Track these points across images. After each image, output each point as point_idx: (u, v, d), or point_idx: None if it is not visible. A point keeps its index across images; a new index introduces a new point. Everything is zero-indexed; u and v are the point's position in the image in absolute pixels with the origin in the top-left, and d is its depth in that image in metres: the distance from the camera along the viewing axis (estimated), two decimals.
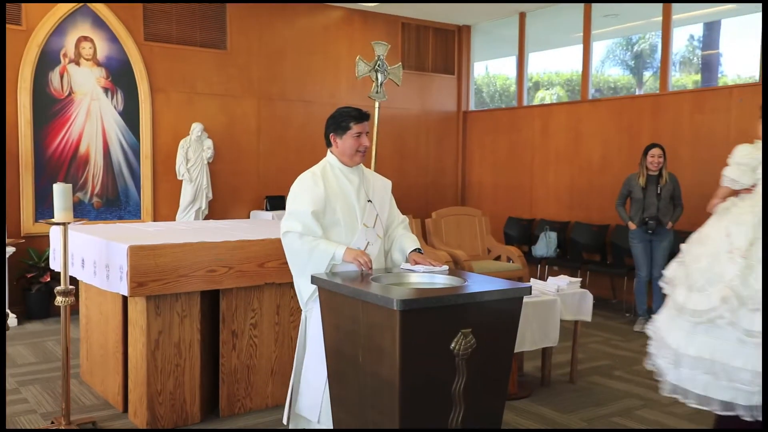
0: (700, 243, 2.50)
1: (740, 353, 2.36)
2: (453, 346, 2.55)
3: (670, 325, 2.51)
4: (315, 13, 8.15)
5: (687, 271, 2.47)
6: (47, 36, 6.49)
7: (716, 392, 2.41)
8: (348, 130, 3.08)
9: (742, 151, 2.50)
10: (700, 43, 7.65)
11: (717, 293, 2.37)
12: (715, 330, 2.40)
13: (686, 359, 2.44)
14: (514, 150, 8.57)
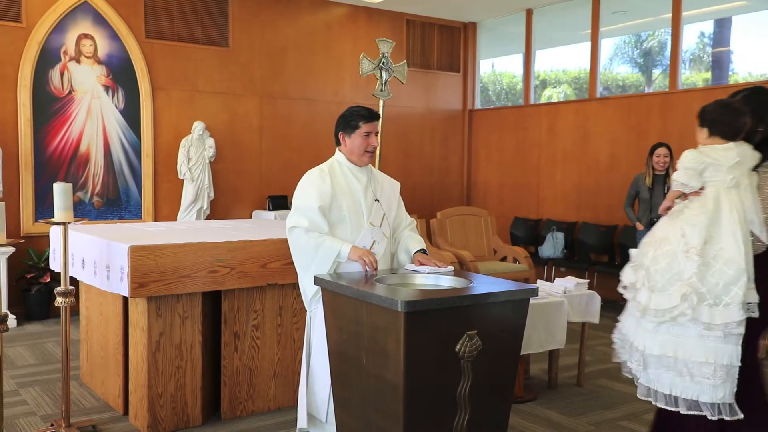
0: (655, 245, 2.64)
1: (701, 347, 2.52)
2: (458, 349, 2.53)
3: (635, 329, 2.64)
4: (318, 10, 8.09)
5: (647, 273, 2.61)
6: (47, 33, 6.45)
7: (682, 391, 2.54)
8: (357, 129, 3.07)
9: (689, 157, 2.68)
10: (710, 40, 7.56)
11: (677, 291, 2.53)
12: (677, 328, 2.54)
13: (652, 359, 2.58)
14: (521, 149, 8.49)
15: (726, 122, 2.71)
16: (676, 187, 2.69)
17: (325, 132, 8.24)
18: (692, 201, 2.67)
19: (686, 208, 2.67)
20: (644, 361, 2.61)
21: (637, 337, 2.64)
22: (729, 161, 2.65)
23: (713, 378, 2.50)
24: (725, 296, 2.52)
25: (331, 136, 8.96)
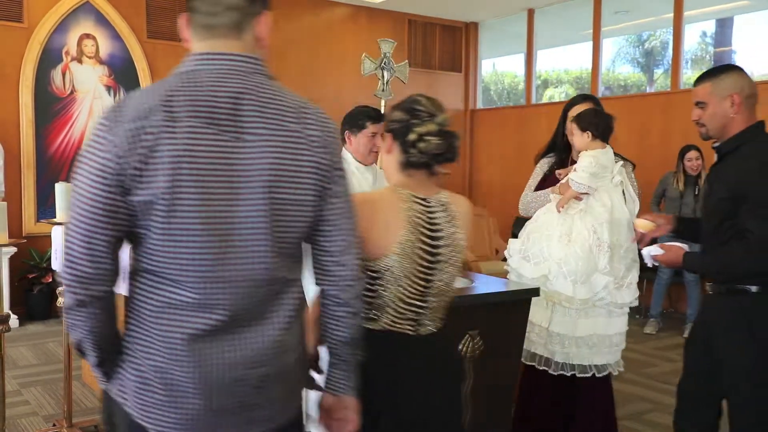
0: (563, 242, 2.92)
1: (610, 323, 2.95)
2: (460, 348, 2.52)
3: (560, 318, 2.92)
4: (320, 10, 8.09)
5: (566, 267, 2.88)
6: (49, 33, 6.45)
7: (596, 359, 2.94)
8: (363, 129, 3.07)
9: (590, 161, 2.93)
10: (712, 40, 7.55)
11: (597, 281, 2.88)
12: (593, 310, 2.91)
13: (573, 340, 2.92)
14: (523, 149, 8.48)
15: (604, 126, 2.98)
16: (581, 189, 2.94)
17: None
18: (589, 200, 2.96)
19: (588, 205, 2.96)
20: (566, 342, 2.93)
21: (560, 325, 2.92)
22: (612, 163, 2.98)
23: (619, 344, 3.01)
24: (626, 279, 2.95)
25: None
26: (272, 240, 1.38)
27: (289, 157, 1.39)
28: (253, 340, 1.40)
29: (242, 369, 1.39)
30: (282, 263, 1.42)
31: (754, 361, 2.34)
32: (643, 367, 4.94)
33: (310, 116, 1.44)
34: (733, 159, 2.40)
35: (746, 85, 2.41)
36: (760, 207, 2.28)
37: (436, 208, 1.89)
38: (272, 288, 1.41)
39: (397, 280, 1.81)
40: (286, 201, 1.39)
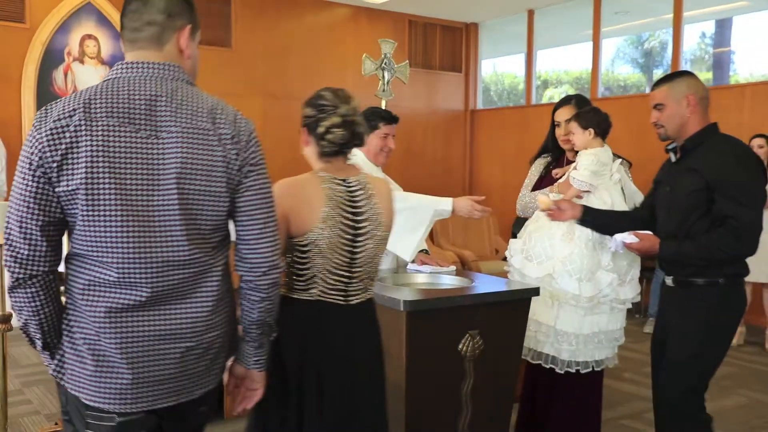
0: (566, 241, 2.94)
1: (613, 319, 2.98)
2: (460, 348, 2.53)
3: (567, 317, 2.94)
4: (321, 10, 8.11)
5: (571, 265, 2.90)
6: (51, 34, 6.47)
7: (599, 353, 2.99)
8: (376, 129, 3.10)
9: (590, 159, 2.96)
10: (711, 41, 7.56)
11: (602, 278, 2.90)
12: (598, 307, 2.94)
13: (581, 338, 2.94)
14: (523, 149, 8.49)
15: (605, 124, 3.03)
16: (583, 187, 2.96)
17: None
18: (589, 198, 2.99)
19: (588, 203, 2.97)
20: (574, 341, 2.95)
21: (568, 323, 2.94)
22: (611, 160, 3.03)
23: (619, 339, 3.06)
24: (628, 275, 2.98)
25: None
26: (186, 227, 1.55)
27: (199, 152, 1.55)
28: (175, 316, 1.57)
29: (165, 342, 1.56)
30: (197, 248, 1.58)
31: (700, 351, 2.51)
32: (643, 366, 4.95)
33: (223, 116, 1.60)
34: (700, 153, 2.54)
35: (699, 88, 2.61)
36: (741, 195, 2.41)
37: (356, 187, 2.08)
38: (191, 270, 1.57)
39: (323, 252, 1.98)
40: (197, 192, 1.55)
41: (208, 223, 1.59)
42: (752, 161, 2.49)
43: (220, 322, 1.64)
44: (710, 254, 2.47)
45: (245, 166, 1.60)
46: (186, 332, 1.58)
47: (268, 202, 1.64)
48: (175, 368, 1.58)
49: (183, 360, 1.59)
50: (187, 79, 1.64)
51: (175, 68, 1.62)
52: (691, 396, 2.59)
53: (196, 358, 1.61)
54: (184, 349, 1.58)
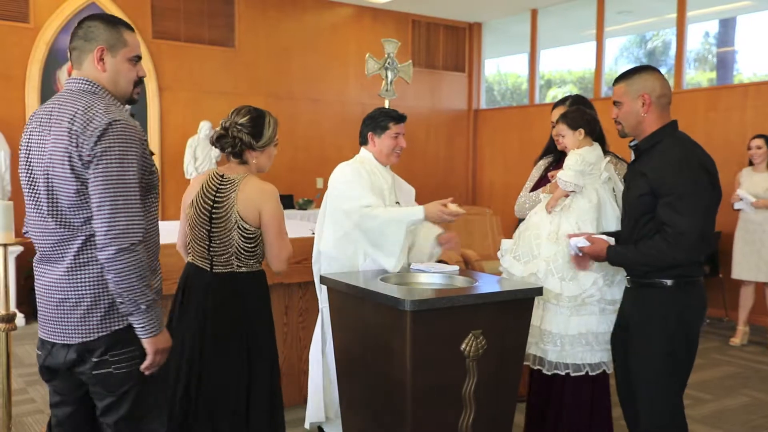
0: (552, 240, 2.94)
1: (603, 320, 2.92)
2: (463, 348, 2.52)
3: (552, 317, 2.94)
4: (324, 10, 8.11)
5: (554, 265, 2.90)
6: (55, 34, 6.49)
7: (590, 357, 2.94)
8: (387, 129, 3.11)
9: (576, 159, 2.96)
10: (715, 40, 7.55)
11: (586, 278, 2.87)
12: (584, 308, 2.91)
13: (567, 338, 2.92)
14: (526, 149, 8.49)
15: (593, 123, 3.04)
16: (567, 188, 2.96)
17: (331, 132, 8.28)
18: (575, 197, 2.97)
19: (573, 203, 2.97)
20: (559, 341, 2.94)
21: (553, 323, 2.94)
22: (600, 159, 3.00)
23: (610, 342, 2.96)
24: (617, 275, 2.90)
25: (337, 135, 8.96)
26: (49, 206, 2.01)
27: (59, 146, 1.97)
28: (50, 272, 2.06)
29: (47, 291, 2.06)
30: (58, 224, 2.01)
31: (662, 350, 2.49)
32: None
33: (81, 117, 1.96)
34: (651, 156, 2.53)
35: (658, 85, 2.55)
36: (677, 200, 2.40)
37: (226, 182, 2.63)
38: (55, 239, 2.02)
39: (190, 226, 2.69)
40: (55, 178, 1.99)
41: (64, 204, 1.99)
42: (693, 167, 2.43)
43: (78, 287, 2.01)
44: (648, 260, 2.48)
45: (91, 159, 1.94)
46: (56, 287, 2.04)
47: (109, 190, 1.94)
48: (54, 312, 2.05)
49: (58, 307, 2.04)
50: (91, 90, 2.05)
51: (85, 82, 2.07)
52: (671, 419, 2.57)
53: (66, 309, 2.03)
54: (57, 299, 2.04)
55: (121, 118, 1.97)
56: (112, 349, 2.02)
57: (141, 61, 2.16)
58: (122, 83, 2.10)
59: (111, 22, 2.09)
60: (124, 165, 1.94)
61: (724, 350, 5.48)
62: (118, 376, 2.02)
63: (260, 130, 2.65)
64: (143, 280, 1.98)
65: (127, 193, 1.95)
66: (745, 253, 5.50)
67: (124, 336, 2.02)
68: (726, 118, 6.60)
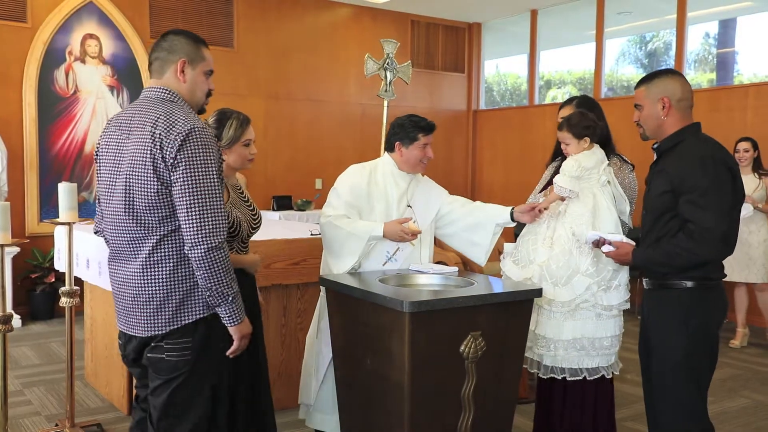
0: (547, 245, 2.96)
1: (600, 326, 2.94)
2: (462, 349, 2.52)
3: (546, 321, 2.95)
4: (323, 10, 8.10)
5: (547, 270, 2.92)
6: (53, 33, 6.47)
7: (586, 362, 2.96)
8: (416, 141, 3.10)
9: (572, 165, 2.98)
10: (715, 41, 7.54)
11: (579, 283, 2.88)
12: (579, 313, 2.92)
13: (561, 343, 2.94)
14: (526, 149, 8.48)
15: (596, 128, 3.05)
16: (563, 193, 2.98)
17: (331, 132, 8.25)
18: (571, 202, 2.99)
19: (569, 208, 2.98)
20: (553, 346, 2.95)
21: (546, 328, 2.95)
22: (599, 163, 3.02)
23: (611, 348, 3.00)
24: (614, 280, 2.93)
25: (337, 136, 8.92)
26: (126, 206, 2.14)
27: (141, 149, 2.09)
28: (124, 269, 2.21)
29: (120, 286, 2.23)
30: (134, 223, 2.14)
31: (682, 354, 2.48)
32: None
33: (164, 122, 2.09)
34: (672, 156, 2.52)
35: (678, 89, 2.55)
36: (700, 197, 2.39)
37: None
38: (130, 237, 2.16)
39: None
40: (134, 178, 2.11)
41: (143, 206, 2.12)
42: (716, 164, 2.41)
43: (153, 283, 2.15)
44: (672, 259, 2.45)
45: (172, 162, 2.07)
46: (129, 282, 2.20)
47: (195, 192, 2.08)
48: (130, 306, 2.21)
49: (133, 301, 2.19)
50: (169, 99, 2.21)
51: (165, 91, 2.23)
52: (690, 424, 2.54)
53: (140, 304, 2.18)
54: (131, 294, 2.20)
55: (201, 124, 2.12)
56: (169, 337, 2.16)
57: (212, 75, 2.36)
58: (198, 94, 2.29)
59: (193, 38, 2.30)
60: (207, 168, 2.09)
61: (724, 352, 5.47)
62: (169, 362, 2.17)
63: (221, 131, 2.73)
64: (229, 273, 2.14)
65: (212, 195, 2.09)
66: (735, 255, 5.47)
67: (185, 330, 2.16)
68: (726, 118, 6.59)
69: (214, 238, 2.08)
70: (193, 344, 2.17)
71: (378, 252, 3.04)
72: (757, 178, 5.50)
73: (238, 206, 2.76)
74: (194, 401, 2.21)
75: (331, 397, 3.09)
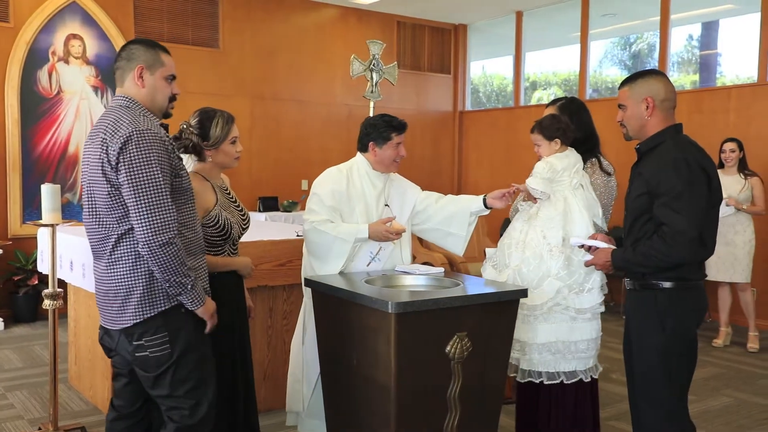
0: (520, 248, 2.98)
1: (575, 329, 2.95)
2: (448, 350, 2.53)
3: (519, 324, 2.93)
4: (309, 11, 8.08)
5: (519, 274, 2.93)
6: (35, 34, 6.41)
7: (563, 365, 2.96)
8: (389, 140, 3.11)
9: (543, 167, 3.01)
10: (698, 43, 7.61)
11: (549, 286, 2.89)
12: (552, 316, 2.93)
13: (534, 347, 2.95)
14: (512, 150, 8.51)
15: (568, 131, 3.07)
16: (535, 194, 3.00)
17: (316, 133, 8.24)
18: (542, 205, 3.00)
19: (540, 211, 3.00)
20: (527, 350, 2.97)
21: (520, 332, 2.95)
22: (572, 166, 3.02)
23: (587, 351, 2.99)
24: (587, 283, 2.94)
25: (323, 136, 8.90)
26: (89, 208, 2.30)
27: (95, 154, 2.25)
28: (98, 268, 2.36)
29: (97, 283, 2.38)
30: (96, 224, 2.29)
31: (659, 354, 2.50)
32: None
33: (111, 127, 2.22)
34: (651, 157, 2.55)
35: (661, 89, 2.56)
36: (673, 200, 2.41)
37: None
38: (97, 237, 2.30)
39: None
40: (93, 181, 2.27)
41: (100, 206, 2.25)
42: (690, 166, 2.42)
43: (118, 280, 2.27)
44: (648, 261, 2.47)
45: (115, 164, 2.20)
46: (99, 279, 2.35)
47: (139, 194, 2.18)
48: (101, 301, 2.36)
49: (103, 297, 2.34)
50: (126, 105, 2.32)
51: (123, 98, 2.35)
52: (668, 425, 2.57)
53: (107, 299, 2.32)
54: (101, 290, 2.34)
55: (145, 127, 2.20)
56: (146, 335, 2.27)
57: (175, 80, 2.42)
58: (159, 98, 2.37)
59: (151, 44, 2.38)
60: (149, 168, 2.17)
61: (708, 351, 5.52)
62: (154, 358, 2.28)
63: (206, 131, 2.73)
64: (184, 264, 2.24)
65: (157, 193, 2.18)
66: (720, 255, 5.55)
67: (157, 323, 2.27)
68: (709, 120, 6.66)
69: (163, 235, 2.18)
70: (170, 337, 2.29)
71: (362, 253, 3.04)
72: (743, 179, 5.55)
73: (227, 208, 2.75)
74: (195, 390, 2.34)
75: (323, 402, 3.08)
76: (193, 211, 2.42)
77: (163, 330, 2.27)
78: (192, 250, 2.39)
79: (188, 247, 2.36)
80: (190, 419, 2.34)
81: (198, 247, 2.43)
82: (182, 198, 2.35)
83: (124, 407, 2.50)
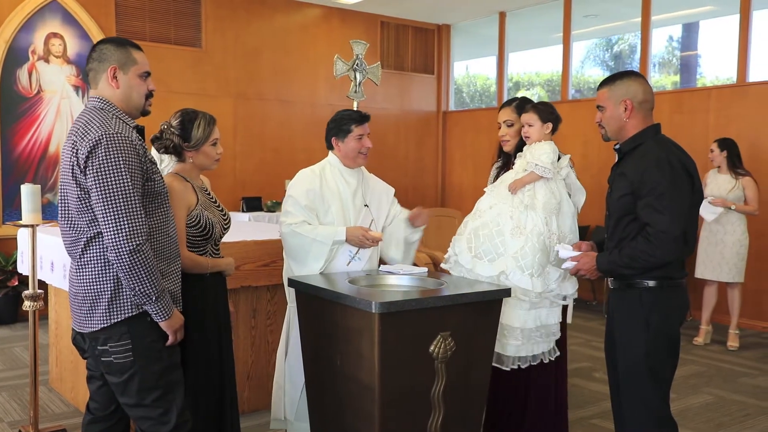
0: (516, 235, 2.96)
1: (552, 313, 3.03)
2: (432, 350, 2.53)
3: (514, 312, 2.98)
4: (293, 11, 8.06)
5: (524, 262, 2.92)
6: (15, 32, 6.33)
7: (537, 347, 3.03)
8: (350, 133, 3.10)
9: (548, 148, 3.02)
10: (679, 44, 7.70)
11: (552, 273, 2.94)
12: (541, 302, 2.99)
13: (525, 332, 2.99)
14: (495, 150, 8.53)
15: (558, 122, 3.08)
16: (546, 174, 2.97)
17: (300, 133, 8.22)
18: (538, 192, 2.99)
19: (536, 199, 2.97)
20: (520, 336, 2.99)
21: (515, 318, 2.98)
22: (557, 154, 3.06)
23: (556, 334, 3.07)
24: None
25: (307, 136, 8.90)
26: (62, 210, 2.29)
27: (66, 158, 2.22)
28: (71, 270, 2.34)
29: (69, 285, 2.36)
30: (68, 226, 2.27)
31: (642, 352, 2.51)
32: None
33: (82, 130, 2.19)
34: (632, 158, 2.56)
35: (640, 91, 2.58)
36: (656, 200, 2.43)
37: None
38: (69, 240, 2.29)
39: None
40: (65, 186, 2.26)
41: (72, 209, 2.23)
42: (673, 166, 2.45)
43: (85, 283, 2.25)
44: (634, 262, 2.49)
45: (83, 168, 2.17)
46: (71, 281, 2.33)
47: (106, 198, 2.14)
48: (73, 303, 2.33)
49: (73, 299, 2.32)
50: (100, 106, 2.27)
51: (97, 99, 2.30)
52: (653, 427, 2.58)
53: (77, 302, 2.30)
54: (72, 292, 2.33)
55: (115, 130, 2.16)
56: (110, 341, 2.25)
57: (150, 76, 2.37)
58: (135, 97, 2.32)
59: (120, 43, 2.33)
60: (117, 173, 2.14)
61: (688, 349, 5.58)
62: (117, 365, 2.26)
63: (188, 133, 2.70)
64: (152, 274, 2.19)
65: (126, 199, 2.15)
66: (709, 254, 5.61)
67: (121, 329, 2.24)
68: (690, 120, 6.73)
69: (132, 241, 2.15)
70: (133, 344, 2.25)
71: (341, 252, 3.04)
72: (734, 179, 5.59)
73: (208, 208, 2.74)
74: (163, 397, 2.30)
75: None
76: (166, 216, 2.37)
77: (127, 337, 2.24)
78: (165, 254, 2.34)
79: (161, 252, 2.32)
80: (161, 427, 2.30)
81: (172, 251, 2.39)
82: (155, 202, 2.30)
83: (99, 409, 2.47)
